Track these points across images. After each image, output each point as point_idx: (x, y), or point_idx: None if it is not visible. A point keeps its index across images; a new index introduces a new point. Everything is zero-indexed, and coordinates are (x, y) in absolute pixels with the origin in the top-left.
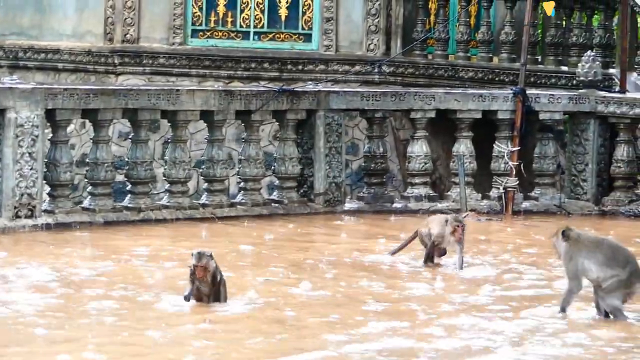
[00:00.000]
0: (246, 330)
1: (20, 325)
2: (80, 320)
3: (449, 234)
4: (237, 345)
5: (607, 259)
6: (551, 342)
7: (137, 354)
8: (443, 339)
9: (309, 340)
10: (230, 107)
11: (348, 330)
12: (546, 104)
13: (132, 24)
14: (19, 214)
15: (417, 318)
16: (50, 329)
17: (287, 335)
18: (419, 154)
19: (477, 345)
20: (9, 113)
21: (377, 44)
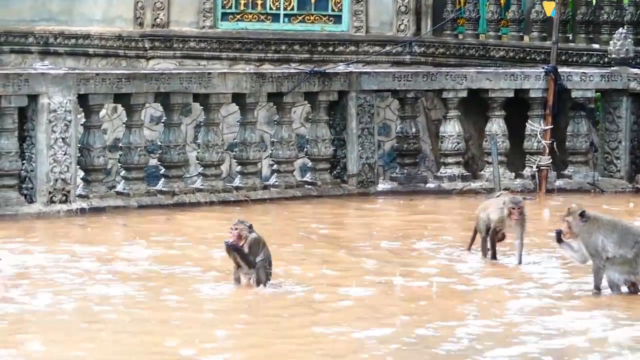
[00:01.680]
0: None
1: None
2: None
3: (507, 218)
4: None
5: (620, 239)
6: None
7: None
8: None
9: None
10: (262, 90)
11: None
12: (578, 82)
13: (162, 8)
14: (54, 199)
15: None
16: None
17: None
18: (452, 134)
19: None
20: (42, 99)
21: (407, 25)
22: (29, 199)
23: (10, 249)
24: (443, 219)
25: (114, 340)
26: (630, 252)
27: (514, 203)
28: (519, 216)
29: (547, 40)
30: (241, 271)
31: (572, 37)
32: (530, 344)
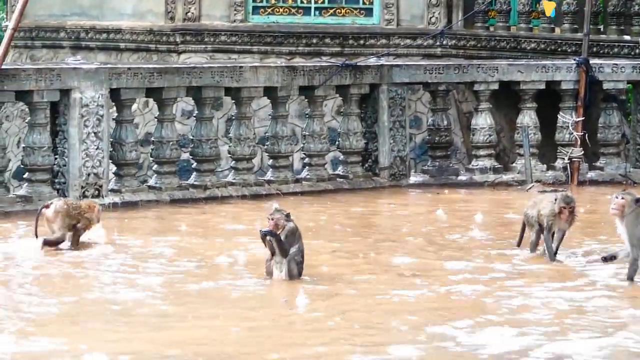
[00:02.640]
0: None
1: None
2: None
3: (558, 216)
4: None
5: None
6: None
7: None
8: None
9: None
10: (294, 83)
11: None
12: (610, 73)
13: (193, 2)
14: (86, 193)
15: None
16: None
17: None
18: (483, 126)
19: None
20: (74, 93)
21: (438, 17)
22: (62, 193)
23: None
24: (475, 211)
25: (147, 332)
26: None
27: (565, 202)
28: (570, 215)
29: (578, 32)
30: (274, 261)
31: (603, 28)
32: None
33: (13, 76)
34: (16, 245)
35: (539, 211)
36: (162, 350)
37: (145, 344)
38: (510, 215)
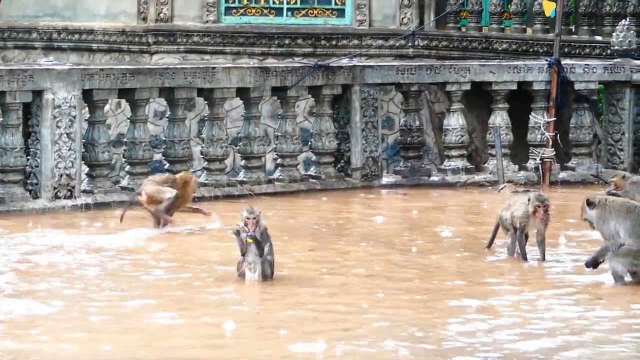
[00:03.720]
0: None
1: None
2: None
3: (532, 215)
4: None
5: (633, 228)
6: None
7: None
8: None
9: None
10: (266, 84)
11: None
12: (581, 74)
13: (166, 3)
14: (59, 194)
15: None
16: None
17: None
18: (455, 127)
19: None
20: (47, 94)
21: (410, 18)
22: (34, 194)
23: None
24: (446, 211)
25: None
26: (637, 244)
27: (539, 200)
28: (544, 214)
29: (550, 33)
30: (246, 262)
31: (574, 29)
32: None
33: None
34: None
35: (512, 213)
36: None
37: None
38: (482, 216)
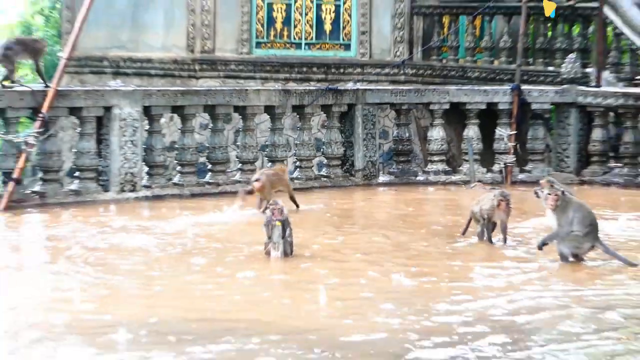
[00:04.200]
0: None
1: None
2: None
3: (496, 208)
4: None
5: (583, 218)
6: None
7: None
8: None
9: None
10: (288, 103)
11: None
12: (537, 96)
13: (209, 38)
14: (124, 188)
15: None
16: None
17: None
18: (437, 138)
19: None
20: (115, 110)
21: (402, 52)
22: (104, 188)
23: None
24: (429, 204)
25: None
26: (583, 231)
27: (502, 196)
28: (506, 207)
29: (512, 64)
30: (271, 243)
31: (532, 61)
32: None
33: (67, 96)
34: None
35: (480, 207)
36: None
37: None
38: (458, 209)
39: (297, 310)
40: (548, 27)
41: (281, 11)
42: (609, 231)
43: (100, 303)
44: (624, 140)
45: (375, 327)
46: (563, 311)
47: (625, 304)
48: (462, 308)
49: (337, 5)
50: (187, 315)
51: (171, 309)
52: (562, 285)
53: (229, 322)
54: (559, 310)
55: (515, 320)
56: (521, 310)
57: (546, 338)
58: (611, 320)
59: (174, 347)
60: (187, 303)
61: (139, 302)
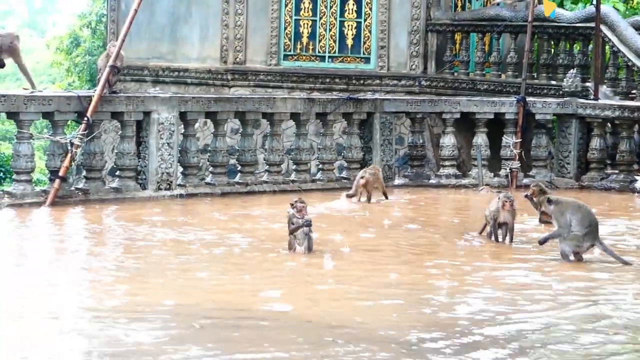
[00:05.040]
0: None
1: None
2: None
3: (501, 209)
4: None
5: (582, 219)
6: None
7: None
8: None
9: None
10: (312, 110)
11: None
12: (540, 108)
13: (241, 51)
14: (160, 187)
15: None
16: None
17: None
18: (448, 144)
19: None
20: (153, 114)
21: (417, 65)
22: (143, 186)
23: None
24: (441, 205)
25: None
26: (582, 231)
27: (506, 197)
28: (510, 207)
29: (518, 78)
30: (296, 239)
31: (536, 75)
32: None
33: (110, 101)
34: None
35: (489, 209)
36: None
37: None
38: (467, 209)
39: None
40: (551, 44)
41: (307, 27)
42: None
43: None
44: (620, 149)
45: (387, 318)
46: (561, 307)
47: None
48: (467, 302)
49: (358, 22)
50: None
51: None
52: (562, 282)
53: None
54: (558, 306)
55: (514, 315)
56: (524, 305)
57: (545, 332)
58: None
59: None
60: (198, 292)
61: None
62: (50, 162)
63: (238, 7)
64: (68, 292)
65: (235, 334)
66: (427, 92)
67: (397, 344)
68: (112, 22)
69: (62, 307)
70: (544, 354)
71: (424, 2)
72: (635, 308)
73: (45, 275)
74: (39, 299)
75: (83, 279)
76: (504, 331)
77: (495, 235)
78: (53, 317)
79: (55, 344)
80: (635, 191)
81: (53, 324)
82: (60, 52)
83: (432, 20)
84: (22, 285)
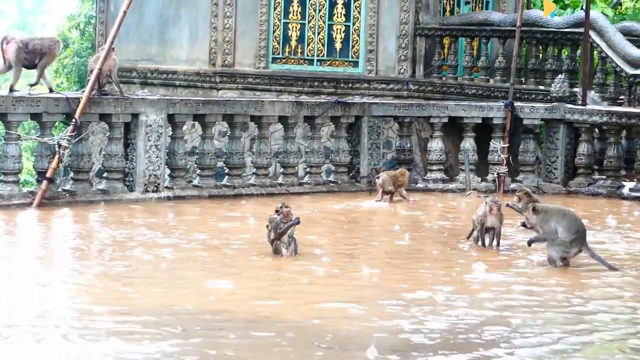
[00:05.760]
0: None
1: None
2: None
3: (489, 213)
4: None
5: (568, 225)
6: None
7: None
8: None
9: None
10: (300, 114)
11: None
12: (528, 113)
13: (229, 53)
14: (148, 189)
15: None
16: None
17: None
18: (436, 149)
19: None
20: (141, 117)
21: (405, 69)
22: (130, 188)
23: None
24: (428, 209)
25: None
26: (570, 237)
27: (493, 202)
28: (497, 212)
29: (506, 83)
30: (282, 243)
31: (524, 80)
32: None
33: (98, 103)
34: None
35: (477, 214)
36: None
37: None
38: (454, 213)
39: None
40: (539, 49)
41: (296, 30)
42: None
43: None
44: (607, 154)
45: (376, 323)
46: (553, 308)
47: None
48: (456, 304)
49: (347, 25)
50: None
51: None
52: (547, 286)
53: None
54: (547, 307)
55: (505, 314)
56: (512, 305)
57: (532, 333)
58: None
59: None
60: (187, 293)
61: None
62: (38, 163)
63: (227, 9)
64: (54, 294)
65: (221, 340)
66: (415, 97)
67: (386, 350)
68: (101, 23)
69: (49, 309)
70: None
71: (412, 7)
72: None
73: (31, 277)
74: (26, 300)
75: (68, 280)
76: (488, 338)
77: (482, 240)
78: (39, 317)
79: (40, 347)
80: (623, 197)
81: (39, 326)
82: None
83: (420, 24)
84: (9, 286)
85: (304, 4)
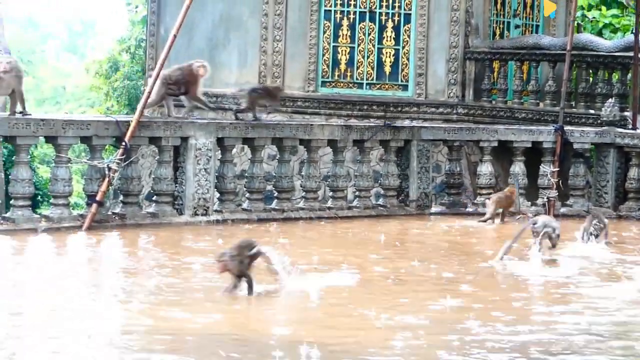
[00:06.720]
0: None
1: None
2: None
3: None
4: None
5: None
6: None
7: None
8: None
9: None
10: (349, 137)
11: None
12: (578, 137)
13: (279, 77)
14: (197, 212)
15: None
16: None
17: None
18: (486, 173)
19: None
20: (191, 140)
21: (455, 93)
22: (179, 212)
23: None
24: (478, 233)
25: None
26: None
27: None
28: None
29: (556, 107)
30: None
31: (574, 104)
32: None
33: (147, 126)
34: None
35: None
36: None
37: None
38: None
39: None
40: (590, 73)
41: (345, 54)
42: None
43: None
44: None
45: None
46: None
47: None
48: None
49: (396, 49)
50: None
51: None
52: (596, 311)
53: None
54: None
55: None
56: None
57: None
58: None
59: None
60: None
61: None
62: (88, 186)
63: (276, 33)
64: (102, 316)
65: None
66: (465, 120)
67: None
68: (151, 47)
69: (96, 330)
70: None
71: (462, 30)
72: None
73: (81, 300)
74: (74, 322)
75: (117, 302)
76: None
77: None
78: (88, 337)
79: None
80: None
81: (88, 346)
82: (99, 76)
83: (470, 48)
84: (60, 308)
85: (354, 27)
